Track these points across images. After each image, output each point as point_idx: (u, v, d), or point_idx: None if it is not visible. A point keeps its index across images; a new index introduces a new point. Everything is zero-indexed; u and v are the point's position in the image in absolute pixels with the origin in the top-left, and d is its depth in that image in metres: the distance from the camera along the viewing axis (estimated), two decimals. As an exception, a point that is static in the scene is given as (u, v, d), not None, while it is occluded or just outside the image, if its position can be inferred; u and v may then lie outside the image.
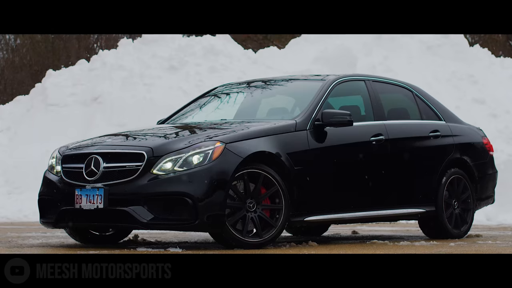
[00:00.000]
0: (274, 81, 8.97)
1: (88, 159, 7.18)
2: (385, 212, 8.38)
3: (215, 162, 6.94)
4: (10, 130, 17.50)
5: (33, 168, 14.71)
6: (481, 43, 26.91)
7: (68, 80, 17.89)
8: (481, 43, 26.40)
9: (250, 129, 7.43)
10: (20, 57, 32.80)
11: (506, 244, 8.16)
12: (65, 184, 7.30)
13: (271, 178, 7.20)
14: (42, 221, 7.61)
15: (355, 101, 8.67)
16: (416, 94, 9.20)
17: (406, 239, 8.74)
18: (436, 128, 9.00)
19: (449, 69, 18.52)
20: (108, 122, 16.28)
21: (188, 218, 6.86)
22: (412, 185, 8.61)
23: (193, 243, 8.08)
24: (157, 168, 6.95)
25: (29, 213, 14.00)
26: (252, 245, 7.07)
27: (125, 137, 7.63)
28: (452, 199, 8.94)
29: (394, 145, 8.43)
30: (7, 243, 7.86)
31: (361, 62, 17.67)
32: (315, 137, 7.74)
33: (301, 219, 7.54)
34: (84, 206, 7.06)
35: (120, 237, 8.06)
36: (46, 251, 6.79)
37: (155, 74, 17.48)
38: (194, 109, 8.83)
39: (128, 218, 6.91)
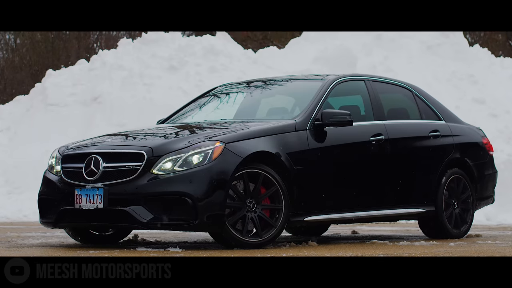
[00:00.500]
0: (274, 81, 8.97)
1: (88, 159, 7.18)
2: (385, 212, 8.38)
3: (215, 162, 6.94)
4: (10, 130, 17.50)
5: (33, 168, 14.72)
6: (481, 43, 26.91)
7: (68, 80, 17.89)
8: (481, 43, 26.40)
9: (250, 129, 7.43)
10: (20, 57, 32.80)
11: (506, 244, 8.16)
12: (65, 184, 7.30)
13: (271, 178, 7.20)
14: (42, 221, 7.61)
15: (355, 101, 8.67)
16: (416, 94, 9.20)
17: (406, 239, 8.75)
18: (436, 128, 9.00)
19: (449, 69, 18.52)
20: (108, 122, 16.28)
21: (188, 218, 6.86)
22: (412, 185, 8.61)
23: (193, 243, 8.08)
24: (157, 168, 6.95)
25: (29, 213, 14.00)
26: (252, 245, 7.07)
27: (125, 137, 7.63)
28: (452, 199, 8.94)
29: (394, 145, 8.43)
30: (7, 243, 7.86)
31: (361, 62, 17.67)
32: (315, 137, 7.73)
33: (301, 219, 7.54)
34: (84, 206, 7.06)
35: (120, 237, 8.06)
36: (46, 251, 6.79)
37: (155, 74, 17.48)
38: (194, 109, 8.83)
39: (128, 218, 6.91)
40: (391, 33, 19.01)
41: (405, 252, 6.96)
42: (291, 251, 6.95)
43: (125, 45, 18.74)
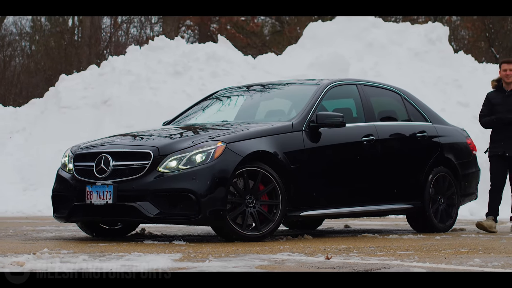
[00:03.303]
0: (272, 85, 8.97)
1: (98, 157, 7.17)
2: (375, 207, 8.38)
3: (216, 160, 6.94)
4: (26, 131, 17.49)
5: (47, 166, 14.71)
6: (465, 50, 26.90)
7: (79, 84, 17.88)
8: (465, 50, 26.38)
9: (249, 129, 7.42)
10: (35, 62, 32.76)
11: (488, 237, 8.17)
12: (77, 181, 7.30)
13: (269, 175, 7.20)
14: (55, 215, 7.61)
15: (348, 103, 8.67)
16: (404, 97, 9.20)
17: (395, 233, 8.75)
18: (423, 129, 9.00)
19: (435, 74, 18.52)
20: (117, 123, 16.27)
21: (191, 213, 6.86)
22: (401, 182, 8.60)
23: (196, 236, 8.08)
24: (162, 166, 6.94)
25: (43, 208, 13.99)
26: (251, 238, 7.07)
27: (133, 137, 7.62)
28: (438, 195, 8.94)
29: (383, 145, 8.43)
30: (22, 236, 7.85)
31: (353, 68, 17.66)
32: (310, 137, 7.73)
33: (297, 214, 7.54)
34: (95, 202, 7.06)
35: (128, 231, 8.05)
36: (59, 244, 6.79)
37: (160, 79, 17.47)
38: (197, 111, 8.82)
39: (135, 213, 6.91)
40: (381, 40, 19.02)
41: (394, 244, 6.96)
42: (288, 244, 6.95)
43: (133, 51, 18.73)
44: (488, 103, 9.30)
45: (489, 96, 9.35)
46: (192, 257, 5.55)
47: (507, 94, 9.19)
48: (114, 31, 33.83)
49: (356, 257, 5.69)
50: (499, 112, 9.14)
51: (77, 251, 5.97)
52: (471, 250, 6.40)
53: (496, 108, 9.19)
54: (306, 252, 6.02)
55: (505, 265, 5.14)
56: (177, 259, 5.33)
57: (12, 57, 33.03)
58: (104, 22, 33.18)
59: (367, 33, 19.23)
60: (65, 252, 5.79)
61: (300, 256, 5.72)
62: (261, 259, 5.41)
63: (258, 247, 6.44)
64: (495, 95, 9.29)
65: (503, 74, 9.22)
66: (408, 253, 6.08)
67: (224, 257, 5.51)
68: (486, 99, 9.36)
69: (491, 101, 9.26)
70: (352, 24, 19.51)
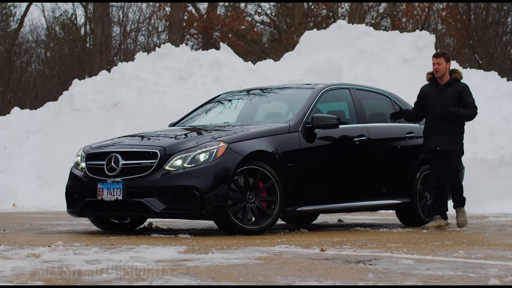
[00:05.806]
0: (270, 89, 8.96)
1: (109, 157, 7.17)
2: (367, 203, 8.38)
3: (219, 159, 6.94)
4: (41, 132, 17.49)
5: (61, 165, 14.71)
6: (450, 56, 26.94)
7: (91, 88, 17.88)
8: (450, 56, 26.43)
9: (249, 130, 7.42)
10: (49, 68, 32.77)
11: (471, 231, 8.16)
12: (89, 178, 7.30)
13: (268, 173, 7.20)
14: (68, 211, 7.60)
15: (341, 106, 8.67)
16: (393, 100, 9.20)
17: (385, 227, 8.74)
18: (411, 130, 9.00)
19: (422, 79, 18.47)
20: (126, 125, 16.27)
21: (195, 208, 6.86)
22: (390, 179, 8.60)
23: (200, 230, 8.07)
24: (168, 164, 6.94)
25: (58, 204, 14.00)
26: (251, 231, 7.07)
27: (141, 138, 7.62)
28: (425, 192, 8.94)
29: (374, 145, 8.43)
30: (38, 229, 7.85)
31: (346, 73, 17.66)
32: (306, 137, 7.73)
33: (294, 209, 7.54)
34: (105, 198, 7.06)
35: (136, 225, 8.05)
36: (72, 237, 6.78)
37: (167, 83, 17.47)
38: (200, 113, 8.82)
39: (143, 208, 6.91)
40: (372, 48, 19.02)
41: (385, 237, 6.96)
42: (285, 237, 6.95)
43: (141, 58, 18.73)
44: (421, 96, 8.70)
45: (423, 89, 8.73)
46: (196, 249, 5.54)
47: (440, 88, 8.56)
48: (123, 39, 33.83)
49: (349, 249, 5.69)
50: (431, 105, 8.53)
51: (89, 243, 5.97)
52: (456, 243, 6.39)
53: (428, 101, 8.57)
54: (302, 245, 6.02)
55: (487, 257, 5.14)
56: (182, 251, 5.32)
57: (29, 64, 33.02)
58: (114, 31, 33.21)
59: (359, 41, 19.24)
60: (78, 245, 5.79)
61: (296, 248, 5.72)
62: (260, 251, 5.40)
63: (258, 240, 6.43)
64: (429, 88, 8.66)
65: (433, 68, 8.64)
66: (397, 245, 6.08)
67: (226, 249, 5.51)
68: (420, 92, 8.75)
69: (425, 94, 8.65)
70: (345, 33, 19.51)
